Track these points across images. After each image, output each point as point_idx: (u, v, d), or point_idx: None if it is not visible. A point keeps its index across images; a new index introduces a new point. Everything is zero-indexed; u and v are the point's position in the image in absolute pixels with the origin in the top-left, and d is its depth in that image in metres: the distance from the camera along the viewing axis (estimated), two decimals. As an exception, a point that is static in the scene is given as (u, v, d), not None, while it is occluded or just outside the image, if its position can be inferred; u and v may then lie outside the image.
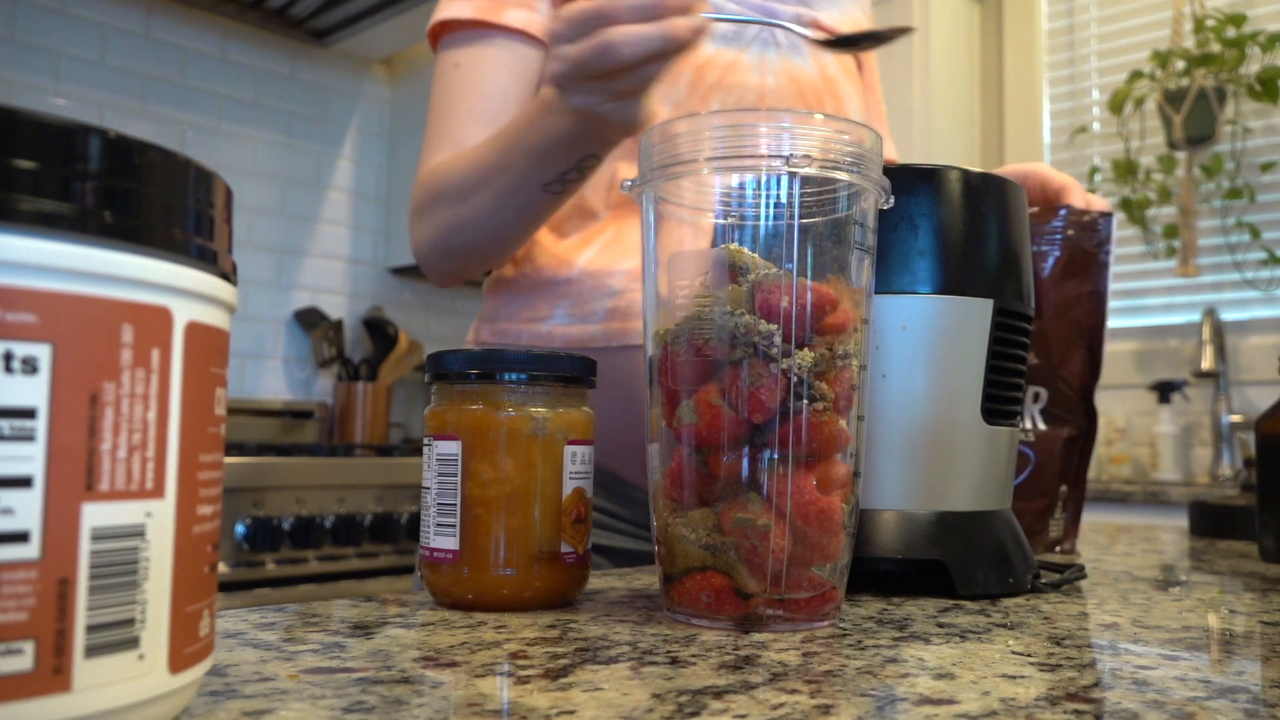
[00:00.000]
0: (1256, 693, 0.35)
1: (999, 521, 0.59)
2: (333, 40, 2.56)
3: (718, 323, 0.45)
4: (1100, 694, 0.34)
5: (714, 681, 0.35)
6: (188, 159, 0.27)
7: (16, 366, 0.23)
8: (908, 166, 0.58)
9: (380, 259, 2.77)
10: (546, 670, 0.36)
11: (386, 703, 0.31)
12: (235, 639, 0.40)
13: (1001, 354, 0.59)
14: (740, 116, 0.47)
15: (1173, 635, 0.46)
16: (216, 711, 0.30)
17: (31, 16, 2.17)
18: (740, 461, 0.44)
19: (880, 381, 0.56)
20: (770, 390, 0.44)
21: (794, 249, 0.45)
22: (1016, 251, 0.60)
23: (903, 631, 0.45)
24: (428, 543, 0.50)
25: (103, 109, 2.26)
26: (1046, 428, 0.81)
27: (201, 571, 0.28)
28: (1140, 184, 2.66)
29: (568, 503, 0.50)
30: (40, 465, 0.23)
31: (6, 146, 0.23)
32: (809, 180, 0.46)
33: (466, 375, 0.50)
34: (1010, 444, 0.61)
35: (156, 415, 0.26)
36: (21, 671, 0.23)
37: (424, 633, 0.43)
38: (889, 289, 0.57)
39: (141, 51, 2.33)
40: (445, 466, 0.49)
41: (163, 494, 0.26)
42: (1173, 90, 2.55)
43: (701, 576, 0.45)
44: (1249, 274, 2.55)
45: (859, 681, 0.35)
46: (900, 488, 0.57)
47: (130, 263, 0.25)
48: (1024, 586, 0.57)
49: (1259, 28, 2.51)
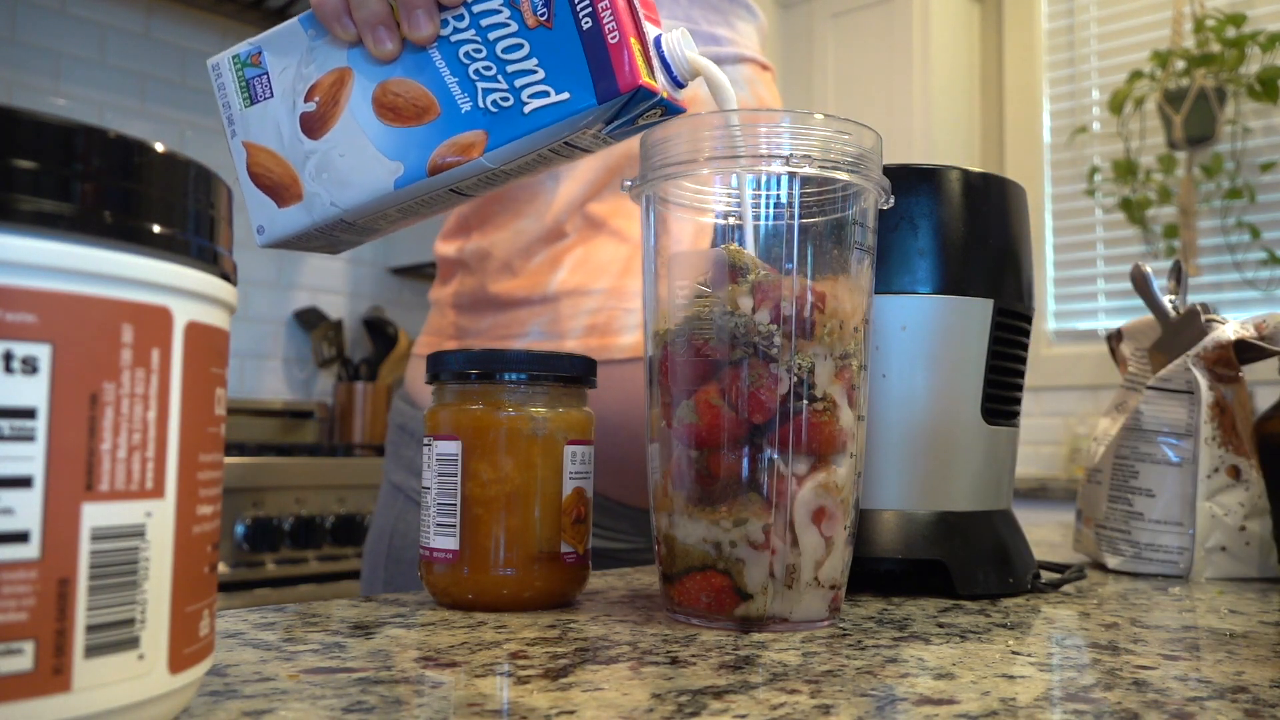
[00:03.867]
0: (1257, 693, 0.35)
1: (999, 521, 0.59)
2: (333, 40, 2.56)
3: (718, 323, 0.45)
4: (1100, 694, 0.34)
5: (714, 681, 0.35)
6: (188, 159, 0.27)
7: (16, 366, 0.23)
8: (908, 166, 0.58)
9: (380, 259, 2.77)
10: (546, 670, 0.36)
11: (386, 703, 0.31)
12: (235, 639, 0.40)
13: (1001, 354, 0.59)
14: (740, 117, 0.47)
15: (1173, 635, 0.46)
16: (216, 711, 0.30)
17: (31, 16, 2.17)
18: (740, 461, 0.44)
19: (880, 381, 0.56)
20: (770, 390, 0.44)
21: (794, 249, 0.45)
22: (1016, 251, 0.60)
23: (903, 631, 0.45)
24: (427, 543, 0.50)
25: (103, 109, 2.26)
26: None
27: (201, 571, 0.28)
28: (1140, 184, 2.66)
29: (568, 503, 0.50)
30: (40, 465, 0.23)
31: (6, 146, 0.23)
32: (809, 180, 0.46)
33: (466, 375, 0.50)
34: (1010, 444, 0.61)
35: (156, 415, 0.26)
36: (21, 671, 0.23)
37: (424, 633, 0.43)
38: (889, 289, 0.57)
39: (141, 51, 2.33)
40: (445, 466, 0.49)
41: (163, 494, 0.26)
42: (1173, 90, 2.55)
43: (701, 576, 0.45)
44: (1249, 274, 2.55)
45: (859, 681, 0.35)
46: (900, 488, 0.57)
47: (130, 263, 0.25)
48: (1024, 586, 0.57)
49: (1259, 28, 2.51)
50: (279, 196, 0.56)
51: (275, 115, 0.56)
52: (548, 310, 0.83)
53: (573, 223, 0.84)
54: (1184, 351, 0.70)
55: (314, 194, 0.56)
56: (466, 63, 0.52)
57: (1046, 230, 2.92)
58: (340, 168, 0.55)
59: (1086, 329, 2.85)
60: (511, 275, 0.84)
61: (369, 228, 0.58)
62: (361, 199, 0.54)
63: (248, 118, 0.57)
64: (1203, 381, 0.68)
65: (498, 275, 0.85)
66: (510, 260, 0.85)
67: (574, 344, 0.81)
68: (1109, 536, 0.71)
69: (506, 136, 0.51)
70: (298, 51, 0.57)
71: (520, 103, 0.51)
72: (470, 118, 0.52)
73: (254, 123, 0.57)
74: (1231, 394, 0.69)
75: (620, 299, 0.81)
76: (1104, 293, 2.84)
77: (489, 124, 0.52)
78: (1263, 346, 0.67)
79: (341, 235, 0.58)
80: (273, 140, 0.57)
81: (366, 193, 0.54)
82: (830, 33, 2.99)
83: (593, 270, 0.83)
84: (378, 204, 0.55)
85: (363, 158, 0.54)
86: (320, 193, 0.55)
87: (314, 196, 0.56)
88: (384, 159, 0.54)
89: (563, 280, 0.83)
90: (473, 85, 0.52)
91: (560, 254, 0.84)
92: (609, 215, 0.84)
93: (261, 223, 0.57)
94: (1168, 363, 0.71)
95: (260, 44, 0.58)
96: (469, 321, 0.86)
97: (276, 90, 0.57)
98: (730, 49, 0.91)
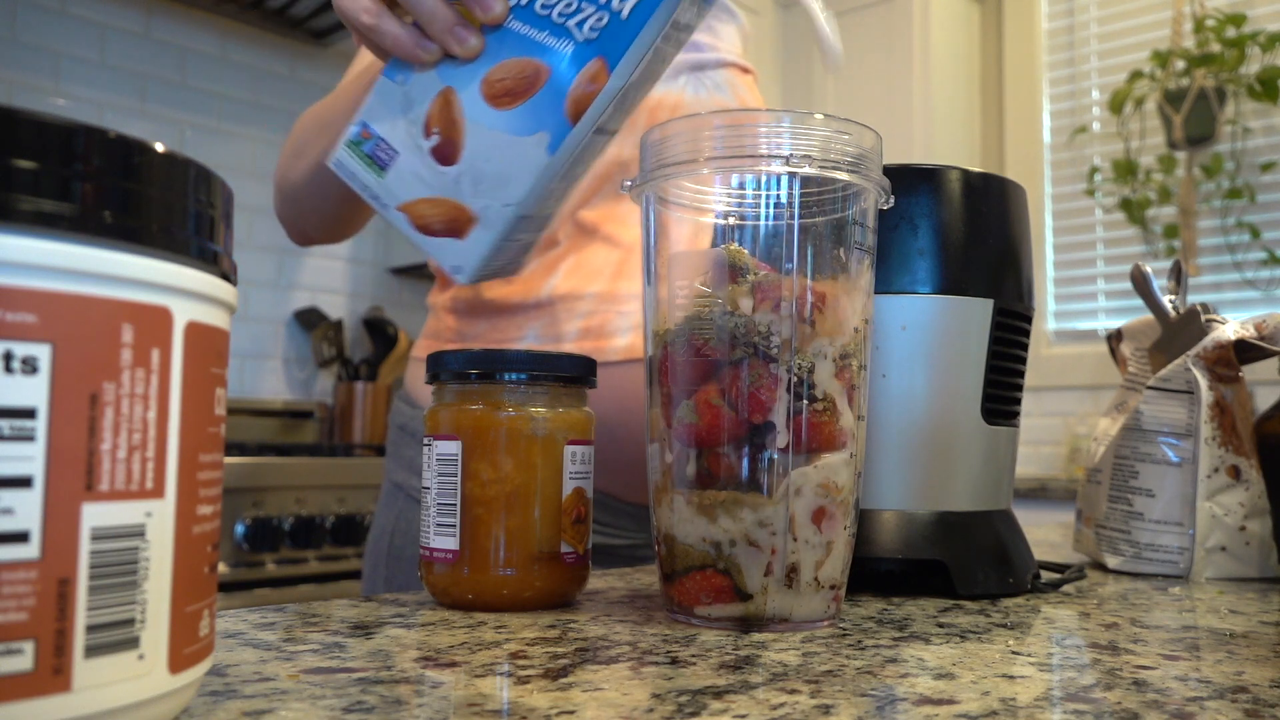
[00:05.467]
0: (1257, 693, 0.35)
1: (999, 521, 0.59)
2: (333, 40, 2.56)
3: (718, 323, 0.45)
4: (1100, 694, 0.34)
5: (714, 681, 0.35)
6: (188, 159, 0.27)
7: (16, 366, 0.23)
8: (908, 166, 0.58)
9: (380, 259, 2.77)
10: (546, 670, 0.36)
11: (386, 703, 0.31)
12: (235, 639, 0.40)
13: (1001, 354, 0.59)
14: (740, 116, 0.47)
15: (1173, 635, 0.46)
16: (216, 711, 0.30)
17: (31, 16, 2.17)
18: (740, 461, 0.44)
19: (880, 381, 0.56)
20: (770, 390, 0.44)
21: (794, 249, 0.45)
22: (1016, 251, 0.60)
23: (903, 631, 0.45)
24: (428, 543, 0.50)
25: (103, 109, 2.26)
26: None
27: (201, 571, 0.28)
28: (1140, 184, 2.66)
29: (568, 503, 0.50)
30: (40, 465, 0.23)
31: (6, 146, 0.23)
32: (809, 180, 0.46)
33: (466, 375, 0.50)
34: (1010, 444, 0.61)
35: (156, 415, 0.26)
36: (21, 671, 0.23)
37: (424, 633, 0.43)
38: (889, 289, 0.57)
39: (141, 51, 2.33)
40: (445, 466, 0.49)
41: (163, 494, 0.26)
42: (1173, 90, 2.55)
43: (701, 576, 0.45)
44: (1249, 274, 2.55)
45: (859, 681, 0.35)
46: (900, 488, 0.57)
47: (130, 263, 0.25)
48: (1024, 586, 0.57)
49: (1259, 28, 2.51)
50: (456, 230, 0.58)
51: (410, 167, 0.58)
52: (543, 315, 0.84)
53: (564, 230, 0.86)
54: (1184, 351, 0.70)
55: (484, 207, 0.57)
56: (544, 12, 0.54)
57: (1046, 230, 2.92)
58: (493, 172, 0.56)
59: (1086, 329, 2.85)
60: (506, 281, 0.85)
61: (542, 215, 0.59)
62: (527, 184, 0.56)
63: (388, 185, 0.59)
64: (1203, 381, 0.68)
65: (492, 281, 0.86)
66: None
67: (569, 347, 0.82)
68: (1109, 536, 0.71)
69: (621, 48, 0.53)
70: (395, 102, 0.58)
71: (613, 13, 0.52)
72: (579, 55, 0.54)
73: (395, 186, 0.58)
74: (1231, 394, 0.69)
75: (613, 303, 0.82)
76: (1104, 293, 2.84)
77: (598, 48, 0.53)
78: (1263, 346, 0.67)
79: (522, 238, 0.59)
80: (421, 189, 0.58)
81: (528, 175, 0.55)
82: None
83: (586, 275, 0.84)
84: (543, 181, 0.56)
85: (508, 151, 0.56)
86: (488, 203, 0.57)
87: (485, 209, 0.57)
88: (526, 139, 0.55)
89: (556, 285, 0.84)
90: (562, 28, 0.53)
91: (554, 261, 0.85)
92: (600, 221, 0.85)
93: (455, 263, 0.59)
94: (1168, 363, 0.71)
95: (361, 118, 0.59)
96: (467, 326, 0.87)
97: (398, 146, 0.58)
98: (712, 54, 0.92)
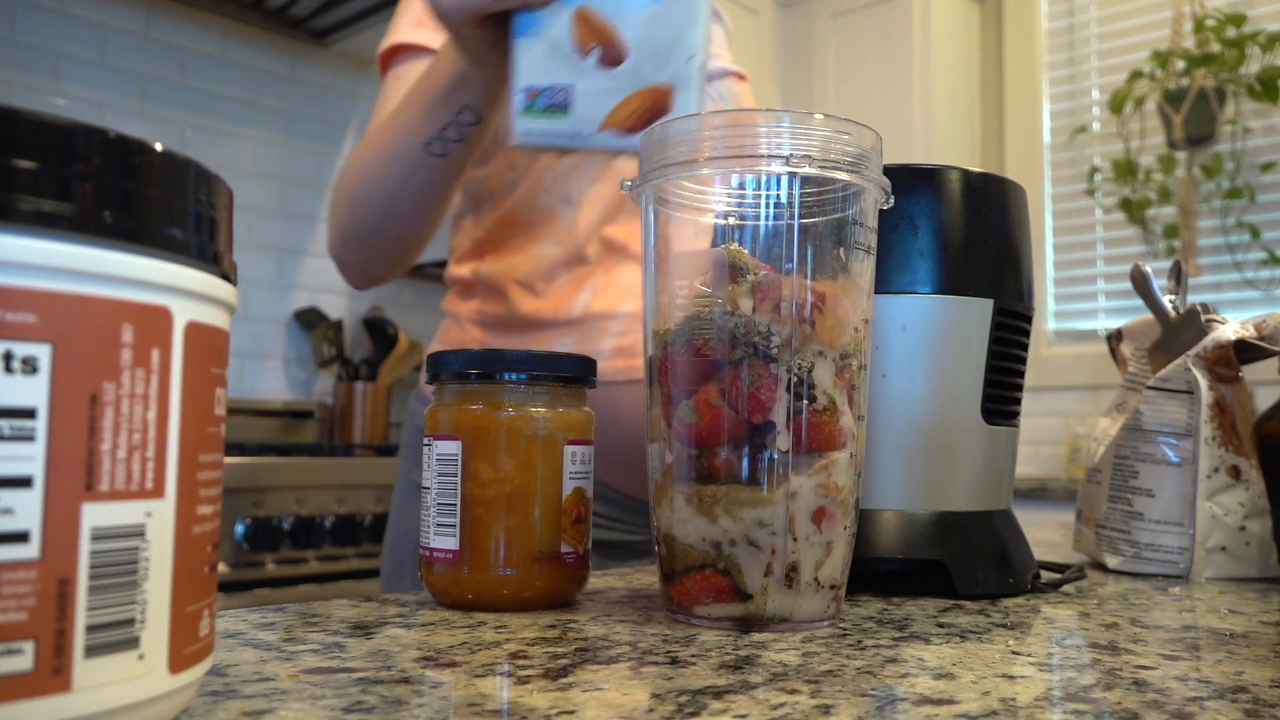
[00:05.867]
0: (1257, 693, 0.35)
1: (999, 521, 0.59)
2: (333, 40, 2.56)
3: (718, 323, 0.45)
4: (1100, 694, 0.34)
5: (714, 681, 0.35)
6: (188, 159, 0.27)
7: (16, 366, 0.23)
8: (908, 166, 0.58)
9: (380, 259, 2.76)
10: (546, 670, 0.36)
11: (386, 703, 0.31)
12: (235, 639, 0.40)
13: (1001, 354, 0.59)
14: (740, 116, 0.47)
15: (1173, 635, 0.46)
16: (216, 711, 0.30)
17: (31, 16, 2.17)
18: (740, 461, 0.44)
19: (880, 381, 0.56)
20: (770, 390, 0.44)
21: (794, 249, 0.45)
22: (1016, 251, 0.60)
23: (903, 631, 0.45)
24: (428, 543, 0.50)
25: (103, 109, 2.26)
26: None
27: (201, 571, 0.28)
28: (1140, 184, 2.66)
29: (568, 503, 0.50)
30: (40, 465, 0.23)
31: (6, 146, 0.23)
32: (809, 180, 0.46)
33: (466, 375, 0.50)
34: (1010, 444, 0.61)
35: (156, 415, 0.26)
36: (21, 671, 0.23)
37: (424, 633, 0.43)
38: (889, 289, 0.57)
39: (141, 51, 2.33)
40: (445, 466, 0.49)
41: (163, 494, 0.26)
42: (1173, 90, 2.55)
43: (701, 576, 0.45)
44: (1249, 274, 2.55)
45: (859, 681, 0.35)
46: (900, 488, 0.57)
47: (130, 263, 0.25)
48: (1024, 586, 0.57)
49: (1259, 28, 2.51)
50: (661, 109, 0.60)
51: (589, 89, 0.59)
52: (574, 332, 0.85)
53: (593, 247, 0.86)
54: (1184, 351, 0.70)
55: (673, 74, 0.59)
56: None
57: (1046, 230, 2.92)
58: (662, 40, 0.59)
59: (1086, 329, 2.85)
60: (534, 296, 0.86)
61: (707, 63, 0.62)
62: (697, 29, 0.59)
63: (579, 117, 0.59)
64: (1203, 381, 0.68)
65: (520, 296, 0.87)
66: (531, 282, 0.87)
67: (603, 365, 0.83)
68: (1109, 536, 0.71)
69: None
70: (539, 52, 0.59)
71: None
72: None
73: (586, 112, 0.59)
74: (1231, 394, 0.69)
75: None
76: (1104, 293, 2.84)
77: None
78: (1263, 346, 0.67)
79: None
80: (610, 100, 0.59)
81: (691, 20, 0.59)
82: (830, 33, 2.99)
83: (616, 294, 0.86)
84: (703, 17, 0.59)
85: (663, 16, 0.58)
86: (675, 68, 0.59)
87: (675, 74, 0.59)
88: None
89: (588, 303, 0.85)
90: None
91: (583, 278, 0.86)
92: (628, 239, 0.87)
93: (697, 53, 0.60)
94: (1168, 363, 0.71)
95: (520, 85, 0.60)
96: (495, 339, 0.88)
97: (567, 82, 0.59)
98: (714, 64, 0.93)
